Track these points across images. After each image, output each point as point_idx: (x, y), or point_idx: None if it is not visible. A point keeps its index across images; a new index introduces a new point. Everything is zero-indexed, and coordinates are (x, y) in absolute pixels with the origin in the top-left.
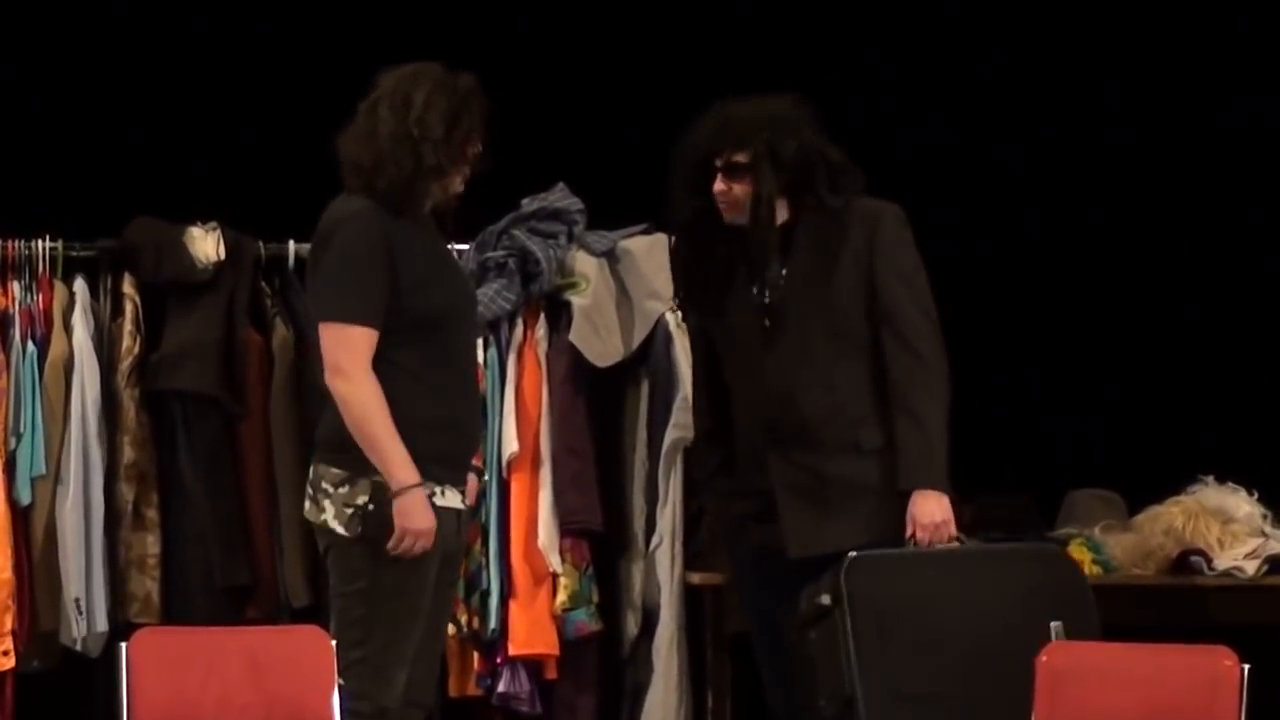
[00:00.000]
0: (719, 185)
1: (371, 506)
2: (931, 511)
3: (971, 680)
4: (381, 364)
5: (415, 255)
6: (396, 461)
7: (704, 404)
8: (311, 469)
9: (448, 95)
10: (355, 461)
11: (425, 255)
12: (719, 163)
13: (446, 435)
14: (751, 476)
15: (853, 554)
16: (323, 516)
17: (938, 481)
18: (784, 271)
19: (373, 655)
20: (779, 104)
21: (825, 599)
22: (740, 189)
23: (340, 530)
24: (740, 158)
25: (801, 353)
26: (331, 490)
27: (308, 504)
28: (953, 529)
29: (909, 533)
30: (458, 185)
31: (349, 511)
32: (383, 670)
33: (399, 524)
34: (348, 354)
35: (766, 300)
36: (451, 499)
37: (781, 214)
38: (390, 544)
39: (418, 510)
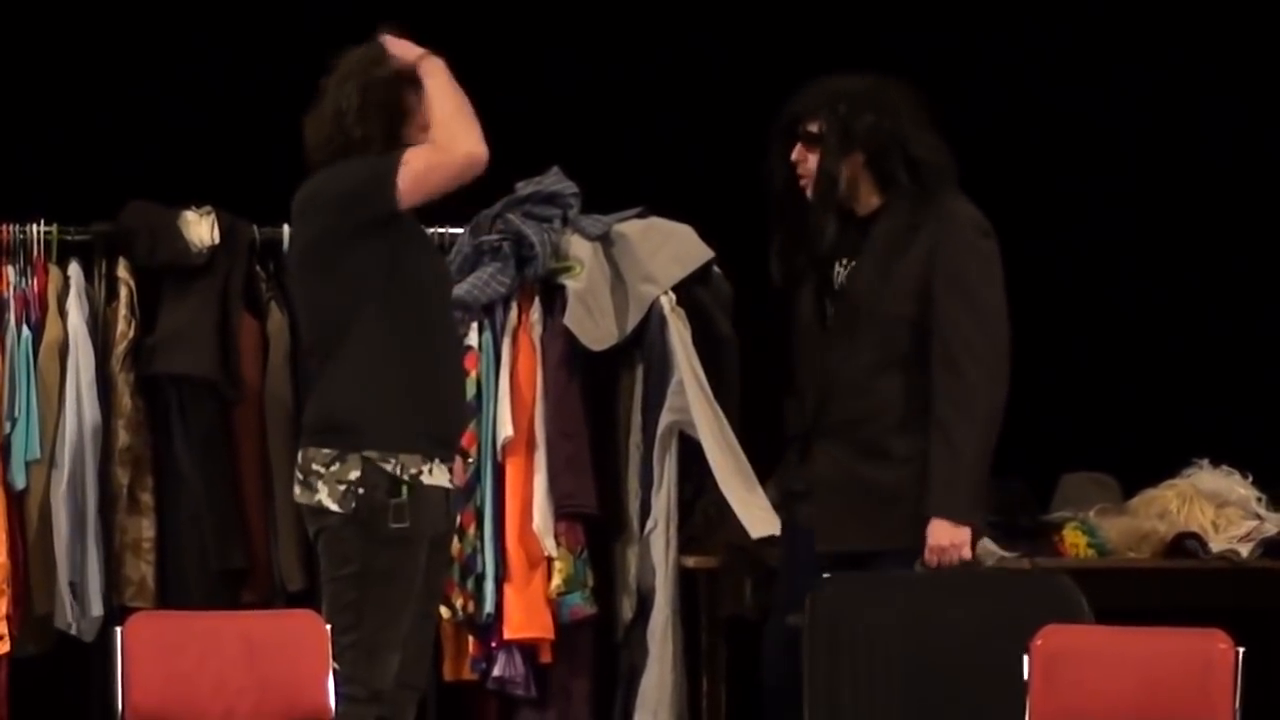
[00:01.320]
0: (796, 153)
1: (363, 486)
2: (941, 536)
3: (949, 710)
4: (369, 343)
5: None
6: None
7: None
8: (300, 454)
9: (379, 87)
10: (344, 440)
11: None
12: (798, 129)
13: (435, 413)
14: (801, 457)
15: (825, 576)
16: (316, 497)
17: (959, 513)
18: (851, 263)
19: (365, 639)
20: (871, 81)
21: (794, 619)
22: (814, 159)
23: (334, 507)
24: (814, 126)
25: (847, 353)
26: (323, 470)
27: (298, 489)
28: (964, 553)
29: (923, 555)
30: None
31: (341, 488)
32: (375, 653)
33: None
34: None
35: (833, 287)
36: (439, 477)
37: (872, 199)
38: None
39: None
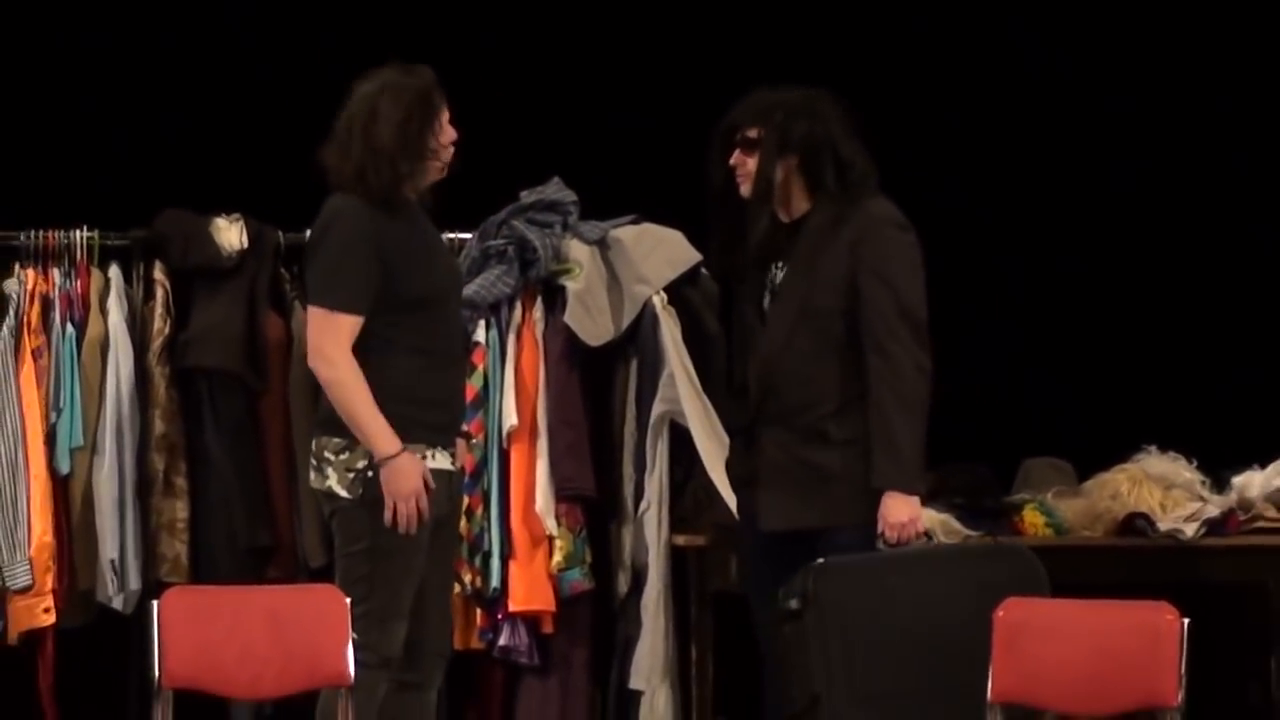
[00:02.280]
0: (735, 158)
1: (370, 472)
2: (898, 512)
3: (932, 676)
4: (377, 341)
5: (402, 243)
6: (377, 433)
7: (737, 365)
8: (314, 443)
9: (402, 106)
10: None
11: (411, 242)
12: (737, 137)
13: (437, 406)
14: (748, 445)
15: (820, 561)
16: (327, 483)
17: (904, 482)
18: (782, 264)
19: (375, 609)
20: (806, 93)
21: (794, 603)
22: (752, 163)
23: (343, 493)
24: (752, 133)
25: (785, 344)
26: (333, 458)
27: (312, 474)
28: (919, 528)
29: (879, 530)
30: (435, 174)
31: (350, 475)
32: (385, 623)
33: (388, 492)
34: (331, 339)
35: (766, 286)
36: (441, 461)
37: (801, 203)
38: (387, 513)
39: (403, 473)
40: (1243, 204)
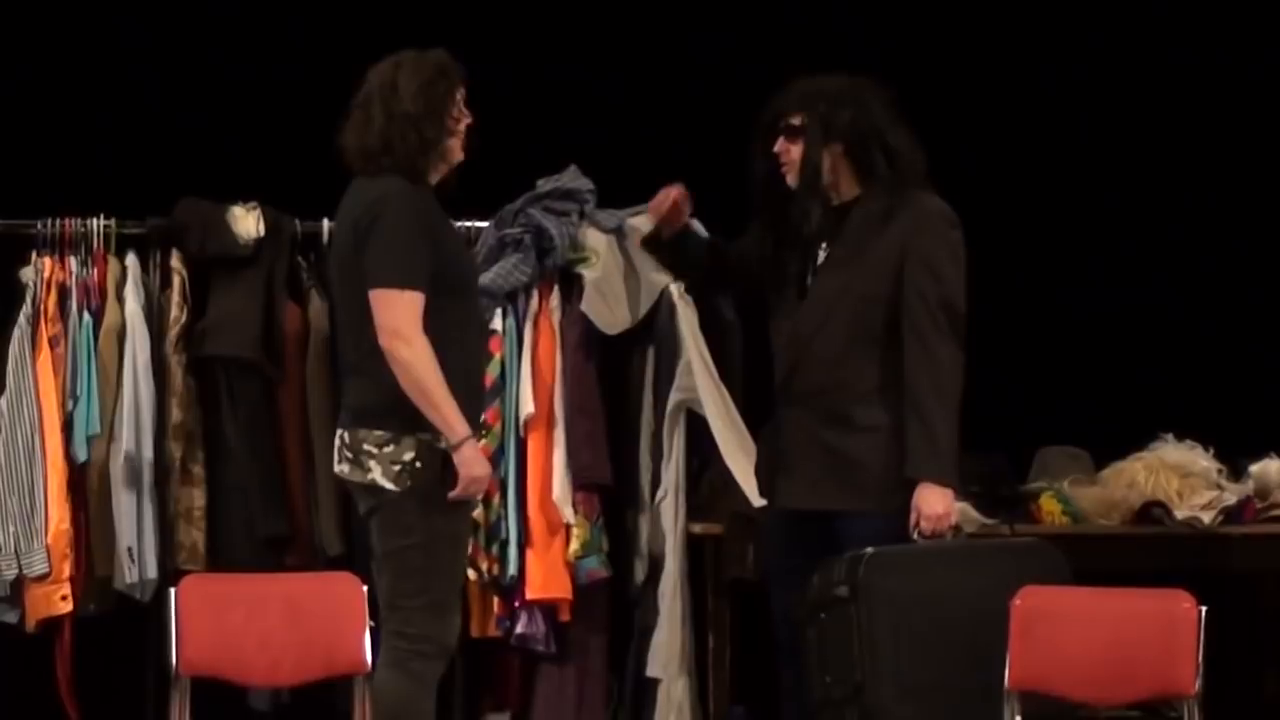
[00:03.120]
0: (778, 145)
1: (419, 463)
2: (934, 504)
3: (975, 670)
4: None
5: (441, 227)
6: (454, 417)
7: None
8: (345, 434)
9: (423, 73)
10: (400, 422)
11: (446, 228)
12: (781, 124)
13: (472, 396)
14: (774, 424)
15: (870, 550)
16: (369, 476)
17: (939, 474)
18: (828, 246)
19: (436, 601)
20: (850, 80)
21: (842, 590)
22: (796, 151)
23: (390, 486)
24: (796, 120)
25: (820, 327)
26: (376, 451)
27: (346, 466)
28: (953, 520)
29: (913, 521)
30: (458, 154)
31: (396, 469)
32: (444, 612)
33: (464, 473)
34: (406, 318)
35: (814, 265)
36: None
37: (849, 189)
38: (456, 492)
39: (477, 459)
40: (1261, 190)
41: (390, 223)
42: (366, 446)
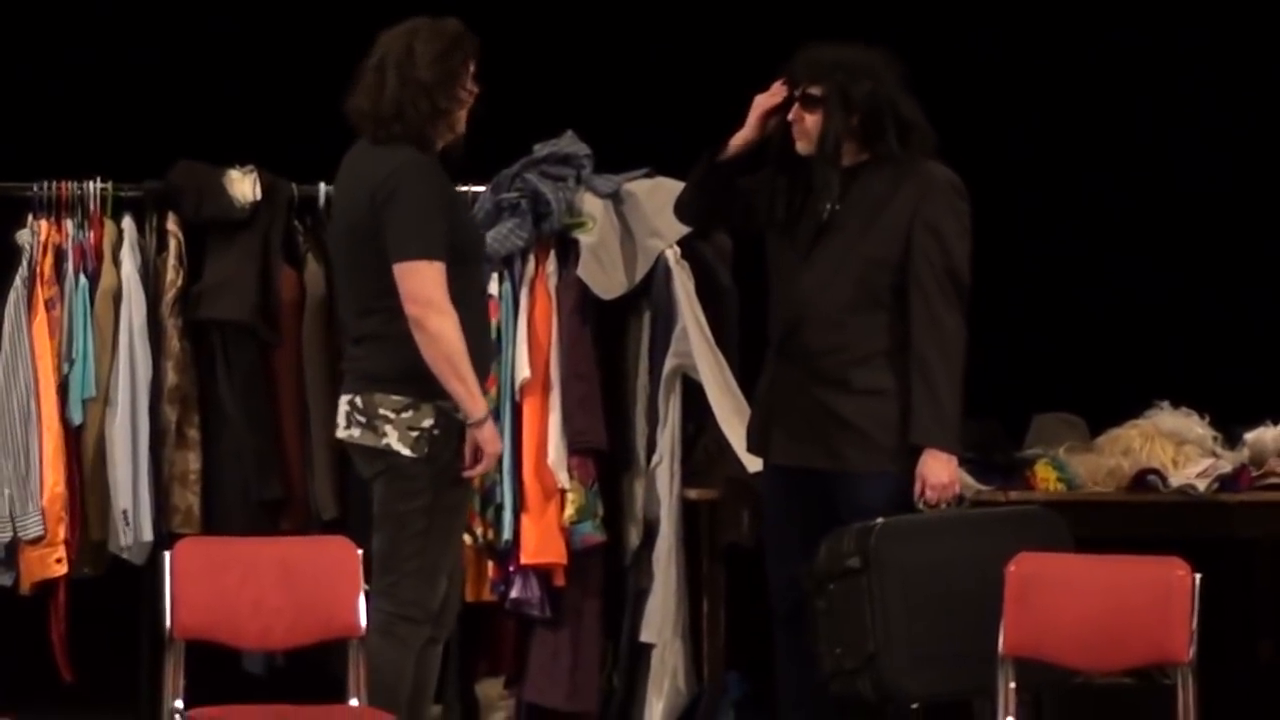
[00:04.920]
0: (794, 114)
1: (437, 431)
2: (939, 473)
3: (984, 638)
4: None
5: (453, 197)
6: (476, 392)
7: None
8: (357, 398)
9: (440, 41)
10: (419, 389)
11: (456, 197)
12: (797, 93)
13: (483, 365)
14: (768, 379)
15: (880, 520)
16: (384, 440)
17: (946, 442)
18: (835, 208)
19: (428, 566)
20: (864, 51)
21: (854, 561)
22: (812, 120)
23: (406, 451)
24: (815, 90)
25: (824, 287)
26: (394, 416)
27: (358, 430)
28: (957, 489)
29: (918, 490)
30: (463, 123)
31: (414, 434)
32: (433, 578)
33: (486, 449)
34: (436, 288)
35: (813, 229)
36: None
37: (852, 156)
38: (470, 469)
39: (494, 436)
40: (1262, 159)
41: (410, 194)
42: (383, 411)
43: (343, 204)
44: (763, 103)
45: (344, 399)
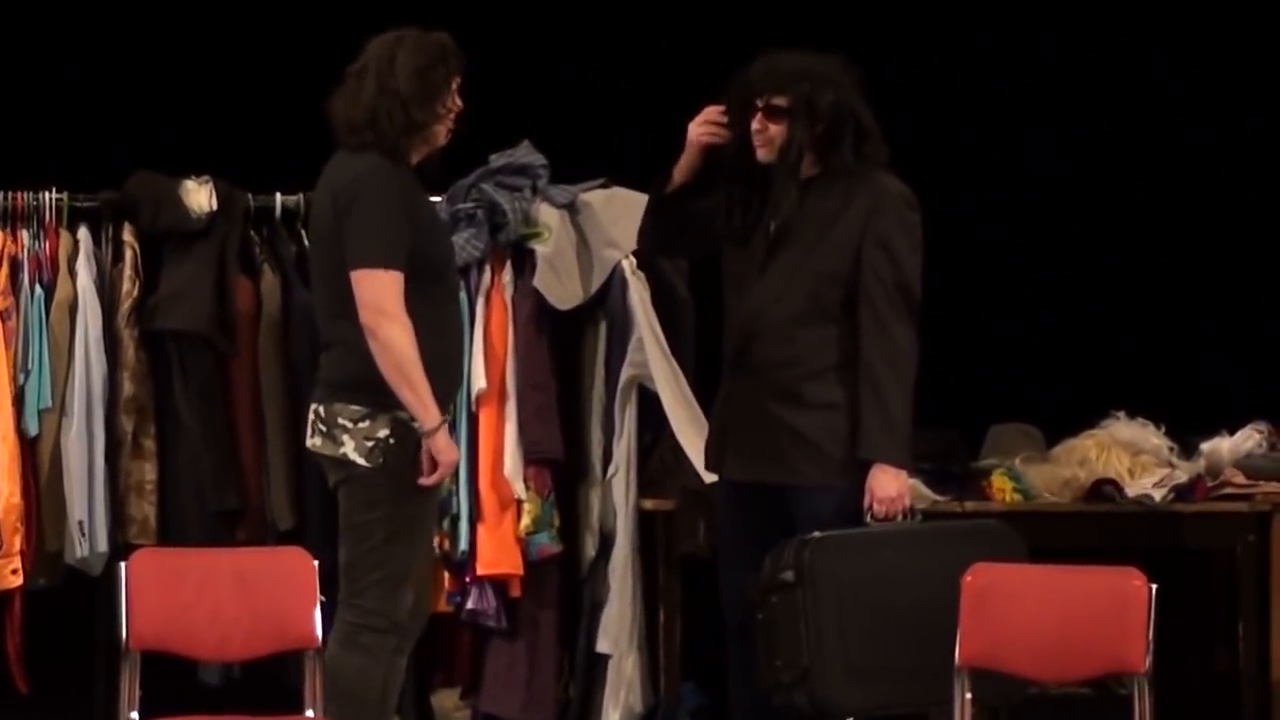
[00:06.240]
0: (757, 124)
1: (393, 440)
2: (887, 486)
3: (923, 653)
4: None
5: (422, 208)
6: (428, 401)
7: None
8: (320, 408)
9: (424, 54)
10: (375, 399)
11: (426, 209)
12: (760, 103)
13: (444, 373)
14: (724, 396)
15: (817, 534)
16: (341, 450)
17: (895, 456)
18: (787, 222)
19: (391, 575)
20: (826, 60)
21: (789, 575)
22: (776, 130)
23: (361, 461)
24: (780, 101)
25: (776, 300)
26: (351, 425)
27: (319, 439)
28: (906, 503)
29: (866, 503)
30: (442, 138)
31: (370, 444)
32: (398, 588)
33: (440, 459)
34: (390, 296)
35: (767, 241)
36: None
37: (809, 167)
38: (426, 478)
39: (449, 445)
40: (1215, 171)
41: (369, 201)
42: (341, 421)
43: (315, 211)
44: (697, 131)
45: (311, 407)
